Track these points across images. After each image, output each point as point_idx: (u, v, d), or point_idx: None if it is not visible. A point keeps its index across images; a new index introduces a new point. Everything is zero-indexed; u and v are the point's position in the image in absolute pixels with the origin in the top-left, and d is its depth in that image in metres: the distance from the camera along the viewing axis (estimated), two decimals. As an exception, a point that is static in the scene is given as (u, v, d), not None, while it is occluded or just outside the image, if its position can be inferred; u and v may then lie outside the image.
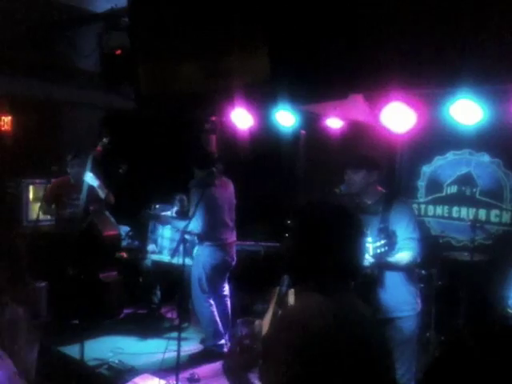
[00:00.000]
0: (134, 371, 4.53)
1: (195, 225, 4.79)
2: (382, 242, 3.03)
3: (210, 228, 4.94)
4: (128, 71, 6.56)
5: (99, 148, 5.42)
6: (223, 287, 5.22)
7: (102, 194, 5.45)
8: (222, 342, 5.05)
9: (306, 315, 1.61)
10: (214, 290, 5.08)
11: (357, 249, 1.78)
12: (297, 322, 1.61)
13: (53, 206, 5.59)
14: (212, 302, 5.04)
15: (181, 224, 4.92)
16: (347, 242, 1.75)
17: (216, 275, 5.04)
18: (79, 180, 5.45)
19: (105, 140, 5.44)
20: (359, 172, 3.42)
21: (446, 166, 5.58)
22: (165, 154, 6.57)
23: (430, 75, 4.52)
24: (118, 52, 6.50)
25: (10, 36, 5.80)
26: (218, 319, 5.03)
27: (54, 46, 6.34)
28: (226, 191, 5.18)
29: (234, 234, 5.20)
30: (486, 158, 5.28)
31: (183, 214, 5.67)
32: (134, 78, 6.53)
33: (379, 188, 3.51)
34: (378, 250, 3.06)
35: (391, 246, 3.06)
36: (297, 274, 1.84)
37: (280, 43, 5.63)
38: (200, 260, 5.03)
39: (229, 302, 5.23)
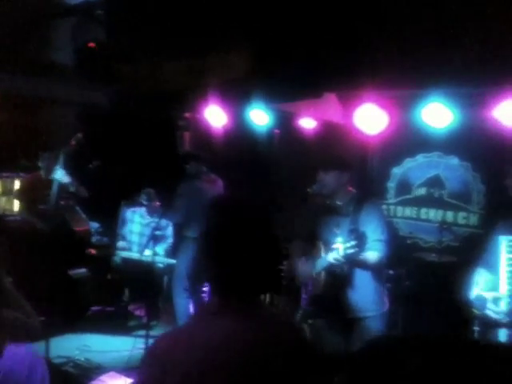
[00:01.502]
0: (101, 369, 4.46)
1: (174, 215, 4.80)
2: (353, 242, 3.06)
3: (191, 219, 4.91)
4: (103, 66, 6.50)
5: (73, 143, 5.33)
6: (203, 284, 5.20)
7: (72, 188, 5.37)
8: None
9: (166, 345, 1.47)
10: (194, 286, 5.07)
11: (268, 261, 1.51)
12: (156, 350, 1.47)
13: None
14: (190, 299, 5.03)
15: (167, 215, 4.92)
16: (256, 250, 1.48)
17: (197, 271, 5.04)
18: (50, 174, 5.37)
19: (79, 135, 5.36)
20: (331, 172, 3.44)
21: (415, 168, 5.66)
22: (138, 150, 6.51)
23: (402, 77, 4.58)
24: (92, 45, 6.42)
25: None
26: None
27: (28, 39, 6.22)
28: (213, 187, 5.17)
29: None
30: (455, 160, 5.37)
31: (152, 208, 5.64)
32: (110, 74, 6.47)
33: (350, 189, 3.54)
34: (348, 251, 3.09)
35: (361, 247, 3.09)
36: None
37: (256, 43, 5.65)
38: (183, 255, 5.01)
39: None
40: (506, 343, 2.89)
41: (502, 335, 2.90)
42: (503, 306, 2.88)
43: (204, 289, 5.22)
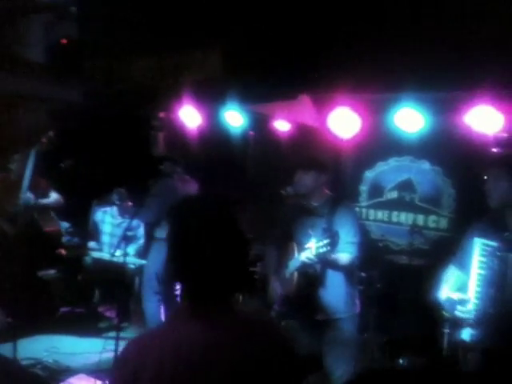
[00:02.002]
0: (70, 371, 4.40)
1: (146, 215, 4.73)
2: (325, 241, 3.08)
3: (164, 220, 4.83)
4: (76, 63, 6.41)
5: (44, 141, 5.22)
6: (173, 286, 5.15)
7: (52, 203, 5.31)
8: None
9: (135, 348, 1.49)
10: (164, 288, 5.01)
11: (233, 258, 1.48)
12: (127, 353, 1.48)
13: None
14: (161, 301, 4.97)
15: (140, 214, 4.84)
16: (221, 248, 1.46)
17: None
18: (21, 175, 5.24)
19: (50, 133, 5.25)
20: (309, 173, 3.46)
21: (387, 172, 5.73)
22: (110, 150, 6.44)
23: (375, 81, 4.63)
24: (64, 41, 6.33)
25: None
26: (163, 320, 4.97)
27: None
28: (187, 187, 5.12)
29: None
30: (426, 165, 5.45)
31: (123, 208, 5.57)
32: (82, 71, 6.39)
33: (326, 191, 3.57)
34: (321, 250, 3.11)
35: (334, 246, 3.12)
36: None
37: (230, 43, 5.64)
38: (153, 256, 4.95)
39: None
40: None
41: (466, 334, 2.96)
42: (470, 308, 2.94)
43: (176, 292, 5.17)
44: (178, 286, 5.15)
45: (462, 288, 3.04)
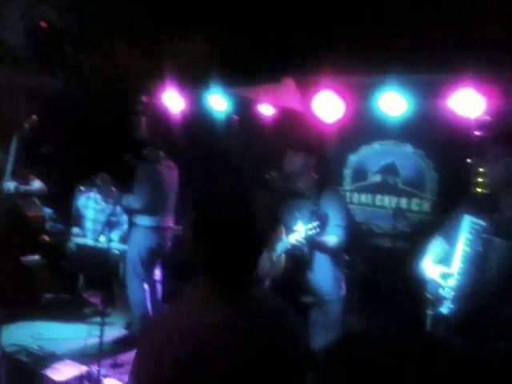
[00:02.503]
0: (55, 357, 4.38)
1: (136, 201, 4.68)
2: (314, 223, 3.10)
3: (150, 207, 4.78)
4: (55, 48, 6.31)
5: (26, 126, 5.12)
6: (154, 272, 5.15)
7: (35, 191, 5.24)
8: None
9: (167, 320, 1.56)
10: (148, 274, 5.00)
11: (249, 244, 1.61)
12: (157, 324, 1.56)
13: None
14: (146, 286, 4.96)
15: (124, 199, 4.78)
16: (238, 236, 1.59)
17: (150, 259, 4.95)
18: (2, 161, 5.16)
19: (33, 117, 5.15)
20: (299, 154, 3.46)
21: (371, 156, 5.76)
22: (93, 134, 6.37)
23: (358, 63, 4.64)
24: (44, 24, 6.22)
25: None
26: (148, 305, 4.96)
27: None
28: (172, 174, 5.08)
29: (172, 219, 5.10)
30: (409, 148, 5.49)
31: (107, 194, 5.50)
32: (63, 56, 6.29)
33: (314, 174, 3.57)
34: (310, 232, 3.13)
35: (322, 229, 3.14)
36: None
37: (214, 26, 5.60)
38: (135, 242, 4.92)
39: (160, 288, 5.17)
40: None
41: (445, 309, 3.02)
42: (451, 283, 3.00)
43: (156, 276, 5.15)
44: (157, 272, 5.14)
45: (445, 260, 3.09)
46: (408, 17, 4.40)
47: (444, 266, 3.05)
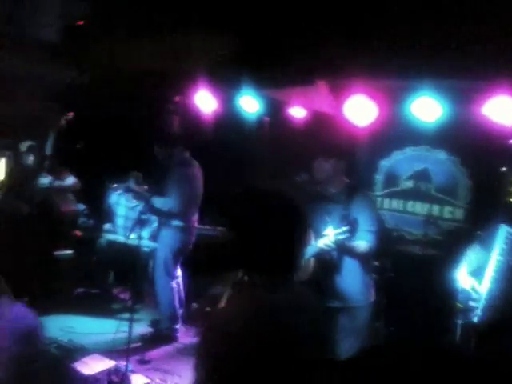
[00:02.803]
0: (84, 351, 4.47)
1: (173, 203, 4.75)
2: (344, 228, 3.09)
3: (187, 209, 4.89)
4: (89, 45, 6.41)
5: (62, 122, 5.24)
6: (177, 269, 5.21)
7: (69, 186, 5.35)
8: (177, 326, 5.04)
9: (231, 315, 1.62)
10: (175, 272, 5.06)
11: (294, 239, 1.69)
12: (224, 320, 1.62)
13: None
14: (174, 285, 5.02)
15: (158, 201, 4.85)
16: (284, 232, 1.67)
17: (178, 258, 5.02)
18: (36, 155, 5.28)
19: (69, 114, 5.28)
20: (330, 160, 3.45)
21: (403, 161, 5.69)
22: (124, 132, 6.45)
23: (393, 68, 4.60)
24: (81, 23, 6.33)
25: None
26: (177, 304, 5.02)
27: (12, 14, 6.09)
28: (200, 175, 5.14)
29: (197, 218, 5.19)
30: (442, 155, 5.41)
31: (138, 194, 5.57)
32: (94, 53, 6.38)
33: (344, 178, 3.56)
34: (340, 237, 3.12)
35: (352, 233, 3.12)
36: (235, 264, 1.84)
37: (246, 27, 5.61)
38: (167, 242, 4.98)
39: (181, 285, 5.21)
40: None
41: (474, 318, 2.99)
42: (483, 292, 2.97)
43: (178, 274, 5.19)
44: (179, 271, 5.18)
45: (480, 269, 3.06)
46: (444, 22, 4.34)
47: (478, 278, 3.01)
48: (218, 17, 5.61)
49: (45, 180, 5.21)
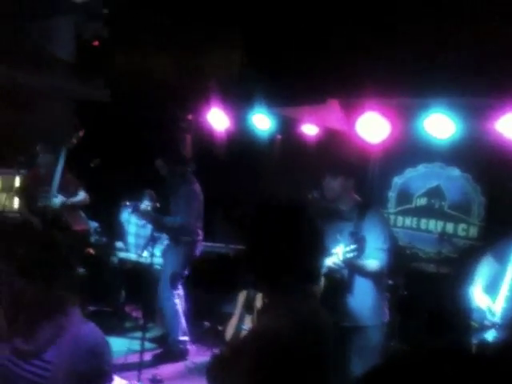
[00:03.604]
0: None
1: (183, 220, 4.83)
2: (352, 246, 3.06)
3: (195, 223, 5.00)
4: (104, 63, 6.50)
5: (74, 141, 5.31)
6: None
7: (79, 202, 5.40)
8: (186, 338, 5.03)
9: (277, 328, 1.59)
10: (179, 286, 5.08)
11: (313, 250, 1.72)
12: (269, 335, 1.58)
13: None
14: (177, 298, 5.06)
15: (168, 220, 4.91)
16: (302, 243, 1.68)
17: (185, 271, 5.05)
18: (50, 170, 5.34)
19: (80, 133, 5.34)
20: (337, 178, 3.44)
21: (416, 178, 5.66)
22: (137, 149, 6.49)
23: (405, 86, 4.59)
24: (96, 43, 6.42)
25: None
26: (181, 316, 5.04)
27: (30, 34, 6.21)
28: (200, 190, 5.19)
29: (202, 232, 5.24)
30: (456, 172, 5.37)
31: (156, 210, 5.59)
32: (110, 71, 6.47)
33: (355, 196, 3.54)
34: (348, 255, 3.09)
35: (360, 252, 3.09)
36: (255, 278, 1.81)
37: (259, 46, 5.66)
38: (174, 257, 4.99)
39: (184, 301, 5.21)
40: None
41: (489, 336, 2.95)
42: (498, 309, 2.92)
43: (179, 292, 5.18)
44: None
45: (494, 284, 3.01)
46: (456, 39, 4.34)
47: (493, 295, 2.97)
48: (231, 35, 5.67)
49: (56, 200, 5.24)
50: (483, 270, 3.25)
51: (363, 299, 3.37)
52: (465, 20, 4.38)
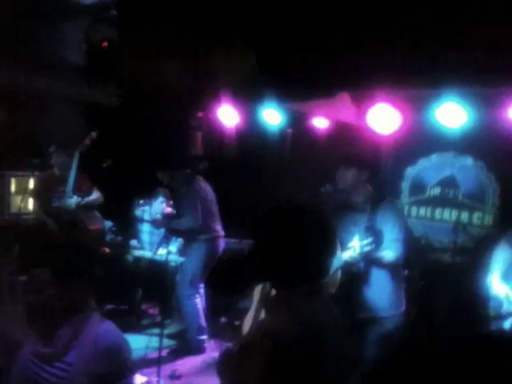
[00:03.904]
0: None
1: (190, 221, 4.84)
2: (369, 240, 3.06)
3: (206, 220, 5.00)
4: (114, 65, 6.53)
5: (87, 142, 5.36)
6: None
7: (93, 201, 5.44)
8: (205, 337, 5.06)
9: (279, 328, 1.58)
10: (200, 285, 5.10)
11: (323, 249, 1.71)
12: (271, 334, 1.57)
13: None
14: (198, 297, 5.08)
15: (174, 223, 4.95)
16: (312, 242, 1.68)
17: (207, 270, 5.05)
18: (64, 171, 5.39)
19: (93, 134, 5.39)
20: (351, 169, 3.44)
21: (429, 168, 5.63)
22: (148, 149, 6.53)
23: (416, 76, 4.56)
24: (105, 44, 6.45)
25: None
26: (202, 314, 5.04)
27: (40, 37, 6.25)
28: (205, 185, 5.22)
29: (220, 226, 5.25)
30: (469, 160, 5.33)
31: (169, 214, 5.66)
32: (120, 73, 6.50)
33: (369, 187, 3.53)
34: (365, 248, 3.09)
35: (378, 245, 3.09)
36: (264, 277, 1.86)
37: (267, 42, 5.65)
38: (194, 254, 5.02)
39: (203, 296, 5.25)
40: None
41: (507, 324, 2.94)
42: None
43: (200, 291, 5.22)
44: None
45: (510, 267, 3.00)
46: (467, 28, 4.30)
47: (510, 283, 2.96)
48: (239, 31, 5.66)
49: (71, 200, 5.30)
50: (499, 258, 3.24)
51: (380, 291, 3.37)
52: (477, 10, 4.34)
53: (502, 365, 0.80)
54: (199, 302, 5.08)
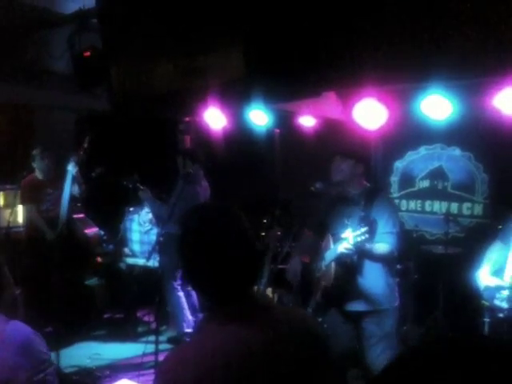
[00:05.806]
0: (113, 377, 4.47)
1: (168, 213, 4.77)
2: (363, 229, 3.04)
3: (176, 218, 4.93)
4: (101, 72, 6.48)
5: (81, 153, 5.33)
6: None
7: (78, 189, 5.39)
8: (190, 330, 5.07)
9: (196, 353, 1.44)
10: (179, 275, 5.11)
11: (245, 253, 1.52)
12: (186, 360, 1.44)
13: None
14: (182, 292, 5.15)
15: (160, 209, 4.93)
16: (232, 248, 1.50)
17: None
18: (49, 174, 5.35)
19: (85, 145, 5.37)
20: (347, 160, 3.43)
21: (418, 161, 5.64)
22: (139, 156, 6.50)
23: (400, 71, 4.56)
24: (87, 54, 6.41)
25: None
26: (186, 307, 5.12)
27: (24, 48, 6.21)
28: (206, 194, 5.20)
29: None
30: (457, 151, 5.36)
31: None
32: (107, 79, 6.45)
33: (364, 181, 3.53)
34: (359, 238, 3.07)
35: (371, 235, 3.07)
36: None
37: (253, 42, 5.63)
38: (168, 251, 4.97)
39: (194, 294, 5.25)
40: None
41: (501, 314, 2.95)
42: (506, 285, 2.92)
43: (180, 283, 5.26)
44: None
45: (502, 265, 3.01)
46: (448, 20, 4.31)
47: (501, 276, 2.96)
48: (223, 34, 5.64)
49: (66, 213, 5.29)
50: (492, 256, 3.24)
51: (375, 284, 3.36)
52: (458, 5, 4.35)
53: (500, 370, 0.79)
54: (182, 295, 5.15)
